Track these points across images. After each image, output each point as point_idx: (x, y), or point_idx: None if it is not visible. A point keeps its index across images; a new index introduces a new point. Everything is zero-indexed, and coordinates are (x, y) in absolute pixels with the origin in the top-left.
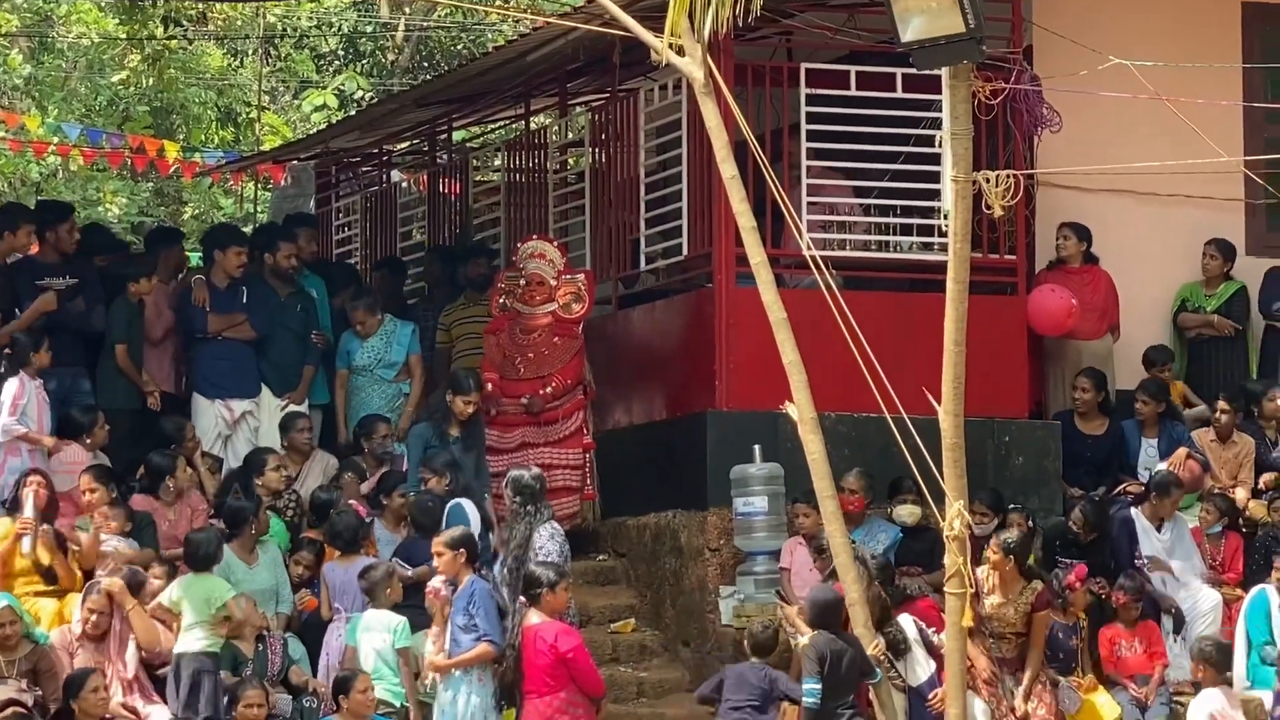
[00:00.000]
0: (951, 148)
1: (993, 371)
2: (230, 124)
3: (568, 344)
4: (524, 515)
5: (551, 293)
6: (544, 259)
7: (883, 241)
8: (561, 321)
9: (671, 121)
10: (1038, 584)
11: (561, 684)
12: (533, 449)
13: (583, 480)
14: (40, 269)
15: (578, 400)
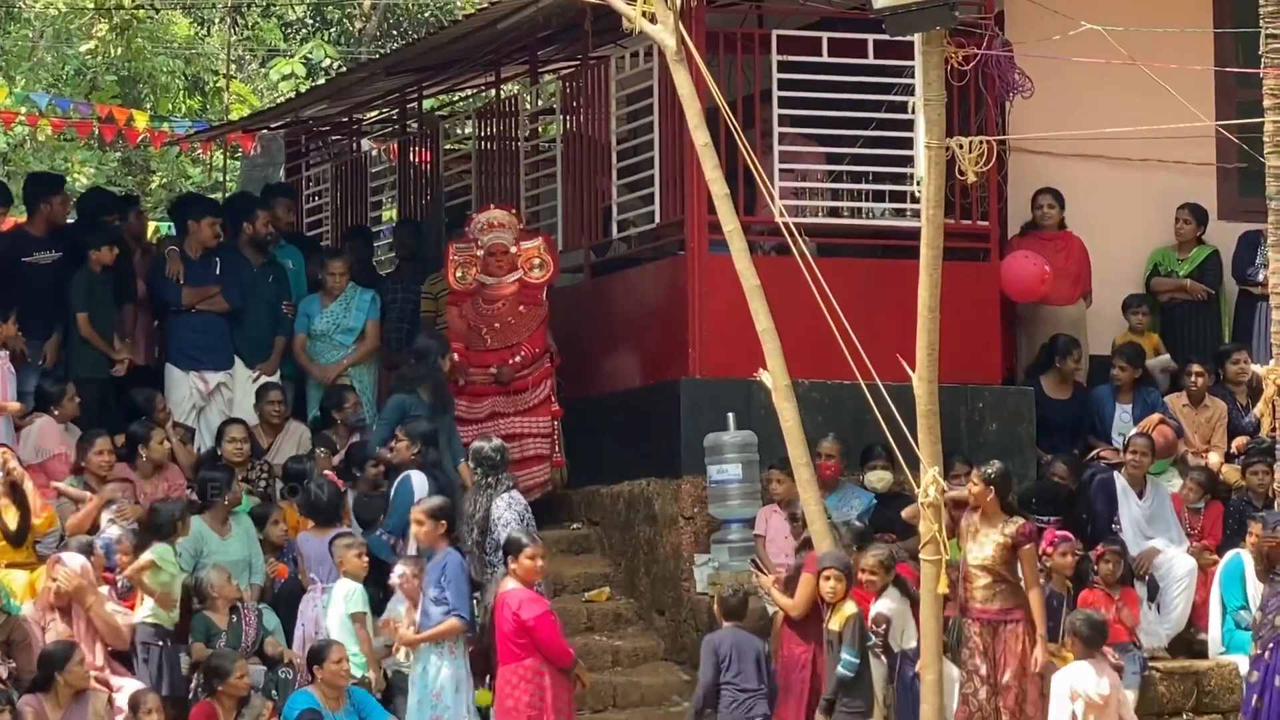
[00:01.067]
0: (924, 114)
1: (966, 338)
2: (198, 93)
3: (533, 312)
4: (485, 487)
5: (514, 261)
6: (502, 228)
7: (855, 208)
8: (527, 288)
9: (643, 89)
10: (1019, 519)
11: (526, 651)
12: (503, 418)
13: (552, 448)
14: (28, 243)
15: (545, 368)
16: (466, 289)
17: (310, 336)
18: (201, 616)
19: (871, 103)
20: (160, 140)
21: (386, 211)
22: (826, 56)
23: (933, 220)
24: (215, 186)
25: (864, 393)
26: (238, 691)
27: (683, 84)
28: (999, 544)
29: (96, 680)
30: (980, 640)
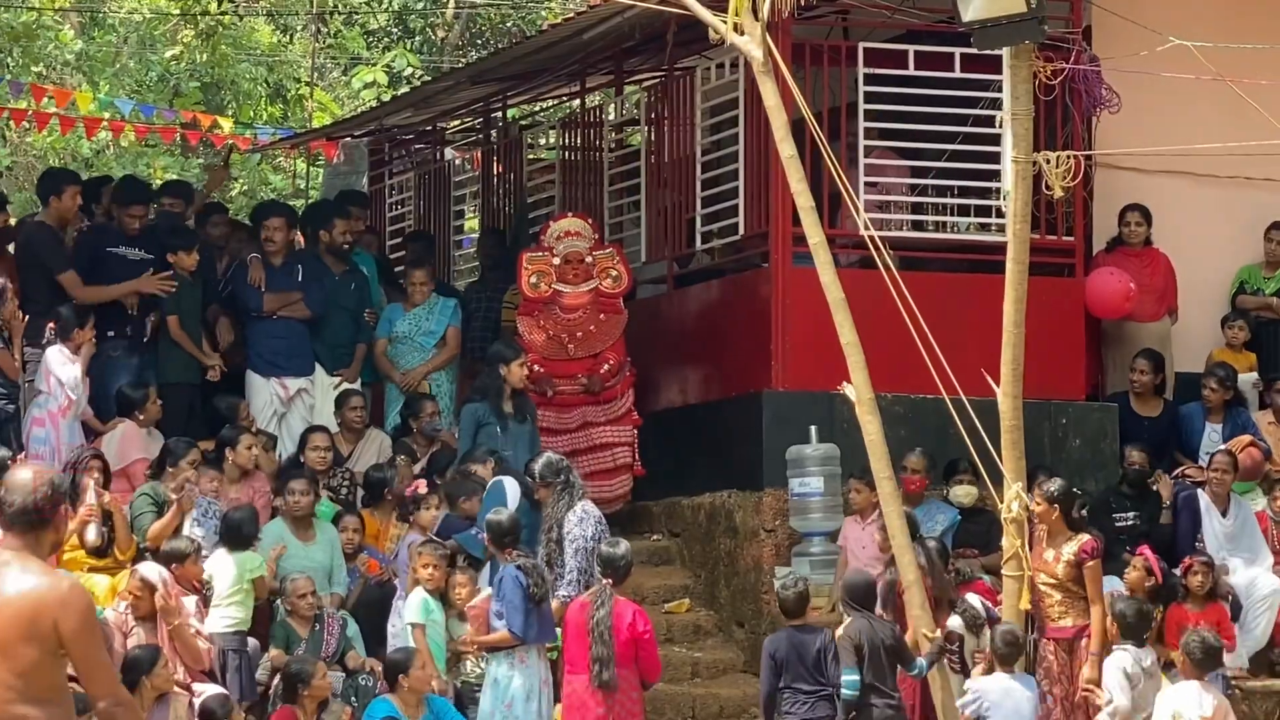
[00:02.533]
0: (1012, 128)
1: (1050, 353)
2: (280, 100)
3: (614, 320)
4: (561, 497)
5: (589, 270)
6: (578, 236)
7: (940, 222)
8: (603, 297)
9: (728, 100)
10: (1084, 535)
11: (626, 662)
12: (594, 428)
13: (633, 457)
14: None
15: (628, 377)
16: (540, 297)
17: (391, 340)
18: (282, 624)
19: (957, 116)
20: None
21: (469, 220)
22: (913, 69)
23: (1019, 235)
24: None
25: (947, 407)
26: (320, 695)
27: (769, 95)
28: (1065, 561)
29: (179, 685)
30: (1056, 661)
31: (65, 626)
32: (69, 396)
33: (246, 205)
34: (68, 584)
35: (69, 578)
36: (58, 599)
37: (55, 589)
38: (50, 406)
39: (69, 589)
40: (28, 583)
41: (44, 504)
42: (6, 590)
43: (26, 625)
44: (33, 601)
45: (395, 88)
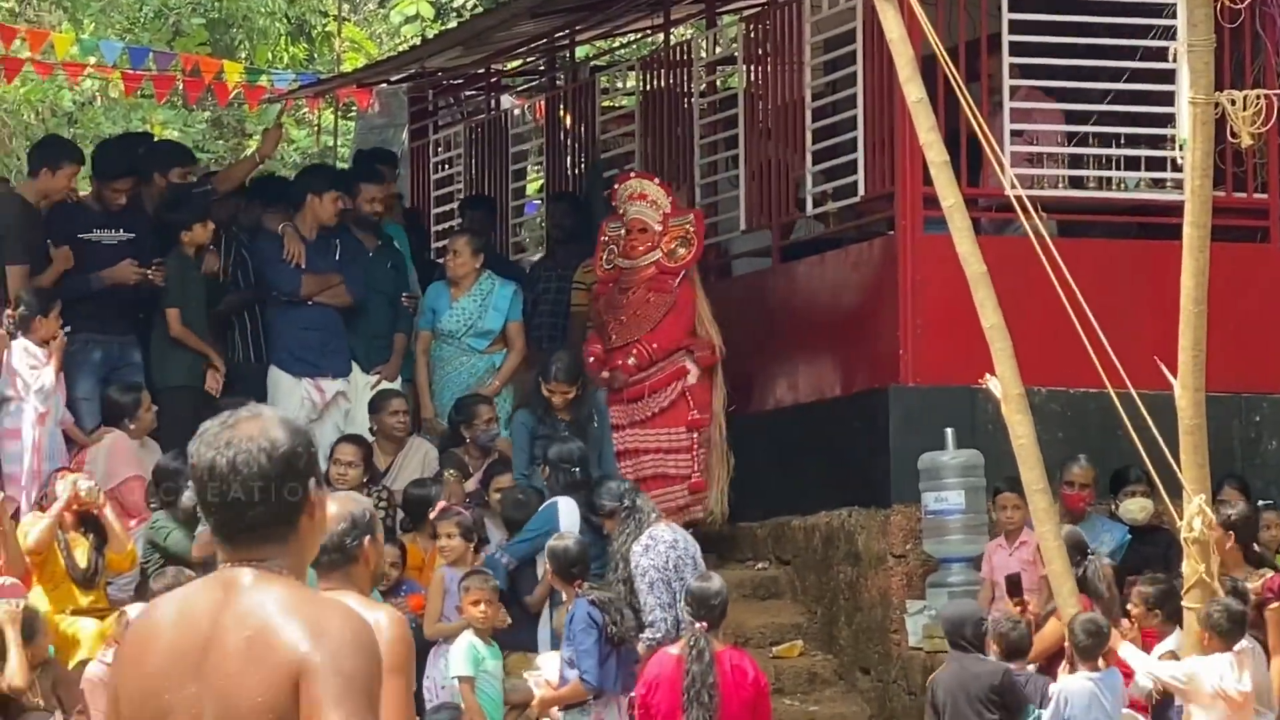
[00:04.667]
0: (1189, 63)
1: (1241, 337)
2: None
3: (660, 301)
4: (624, 526)
5: (656, 240)
6: (646, 200)
7: (1104, 179)
8: (663, 273)
9: (844, 34)
10: (1268, 571)
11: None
12: (621, 431)
13: (692, 466)
14: (85, 218)
15: (678, 368)
16: (610, 275)
17: (435, 335)
18: None
19: (1124, 50)
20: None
21: (531, 182)
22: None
23: (1198, 193)
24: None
25: (1114, 403)
26: None
27: (892, 27)
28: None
29: None
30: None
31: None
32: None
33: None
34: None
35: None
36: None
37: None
38: (23, 416)
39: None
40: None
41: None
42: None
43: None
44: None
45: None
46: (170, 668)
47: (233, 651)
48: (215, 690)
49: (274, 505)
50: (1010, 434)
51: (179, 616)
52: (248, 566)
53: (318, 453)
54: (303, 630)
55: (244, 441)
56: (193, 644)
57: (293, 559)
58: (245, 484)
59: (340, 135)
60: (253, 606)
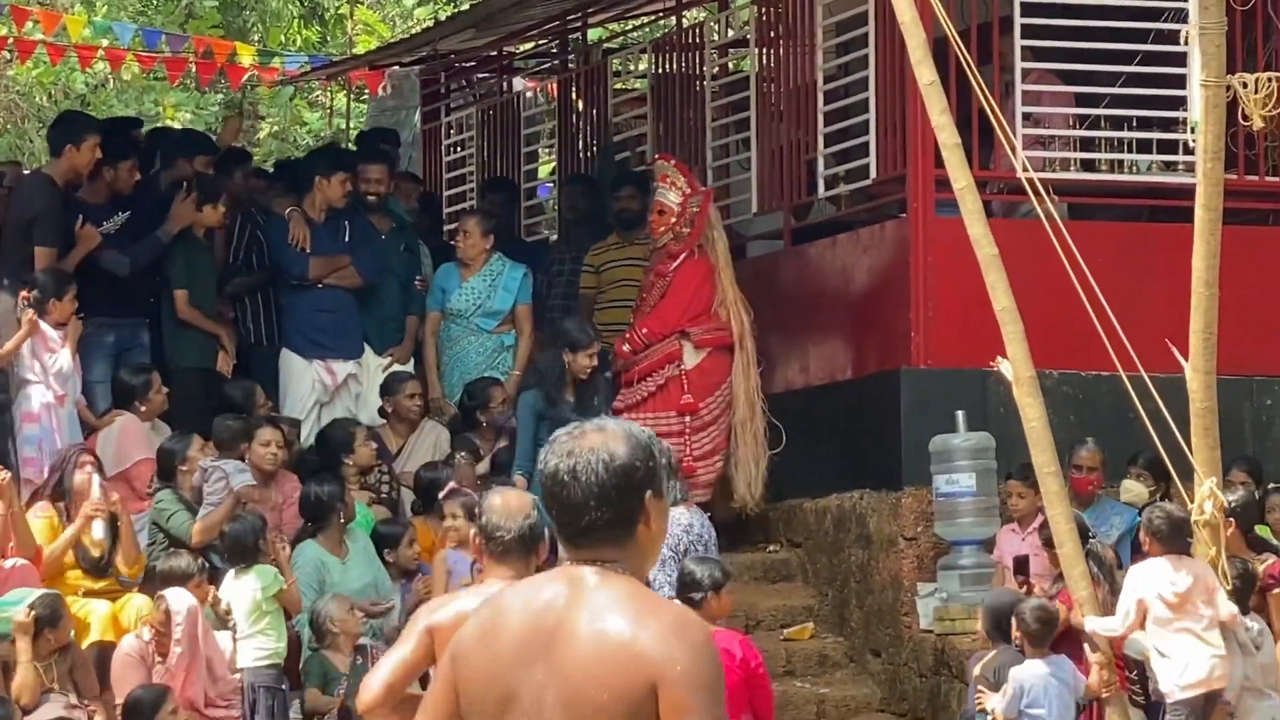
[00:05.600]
0: (1200, 45)
1: (1252, 319)
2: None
3: (660, 283)
4: None
5: (671, 223)
6: (667, 182)
7: (1115, 161)
8: (667, 255)
9: (856, 15)
10: (1270, 556)
11: (740, 707)
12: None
13: (684, 451)
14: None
15: (670, 351)
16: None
17: (444, 315)
18: (318, 658)
19: (1136, 32)
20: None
21: (544, 165)
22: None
23: (1210, 175)
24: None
25: (1125, 386)
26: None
27: (904, 9)
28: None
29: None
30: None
31: None
32: (58, 388)
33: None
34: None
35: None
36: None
37: None
38: (42, 398)
39: None
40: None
41: (530, 529)
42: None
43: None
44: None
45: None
46: (518, 653)
47: (582, 644)
48: (561, 678)
49: (609, 511)
50: (1021, 417)
51: (526, 605)
52: (590, 566)
53: (662, 465)
54: (657, 635)
55: (586, 452)
56: (540, 632)
57: (630, 563)
58: (583, 490)
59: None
60: (604, 604)
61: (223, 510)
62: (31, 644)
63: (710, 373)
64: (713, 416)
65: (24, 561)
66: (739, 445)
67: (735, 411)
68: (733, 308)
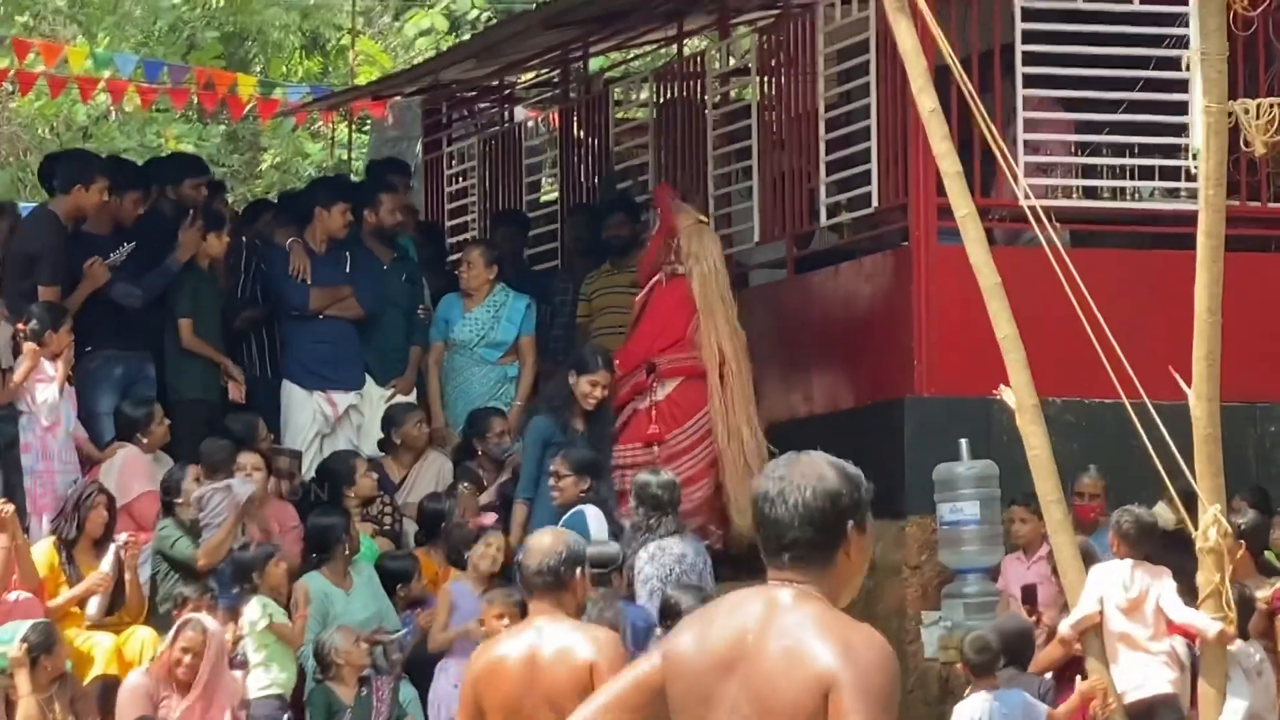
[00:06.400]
0: (1202, 72)
1: (1256, 346)
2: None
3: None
4: (643, 529)
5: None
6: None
7: (1118, 188)
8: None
9: (857, 44)
10: (1278, 580)
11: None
12: None
13: None
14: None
15: (635, 383)
16: None
17: (447, 346)
18: (322, 689)
19: (1137, 59)
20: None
21: (546, 193)
22: (1082, 2)
23: (1212, 202)
24: (339, 165)
25: (1128, 413)
26: None
27: (905, 38)
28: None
29: None
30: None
31: (602, 676)
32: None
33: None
34: (605, 636)
35: (606, 632)
36: (595, 650)
37: (594, 641)
38: (36, 428)
39: (606, 640)
40: (565, 639)
41: (561, 568)
42: (546, 650)
43: (569, 676)
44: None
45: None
46: (715, 664)
47: (770, 660)
48: (752, 691)
49: (811, 532)
50: (1025, 445)
51: (729, 618)
52: (788, 586)
53: (868, 502)
54: (834, 649)
55: (796, 475)
56: (736, 647)
57: (827, 586)
58: (789, 510)
59: (354, 148)
60: (791, 623)
61: (226, 526)
62: (30, 675)
63: (681, 402)
64: (685, 445)
65: (28, 595)
66: (724, 473)
67: (715, 440)
68: (710, 335)
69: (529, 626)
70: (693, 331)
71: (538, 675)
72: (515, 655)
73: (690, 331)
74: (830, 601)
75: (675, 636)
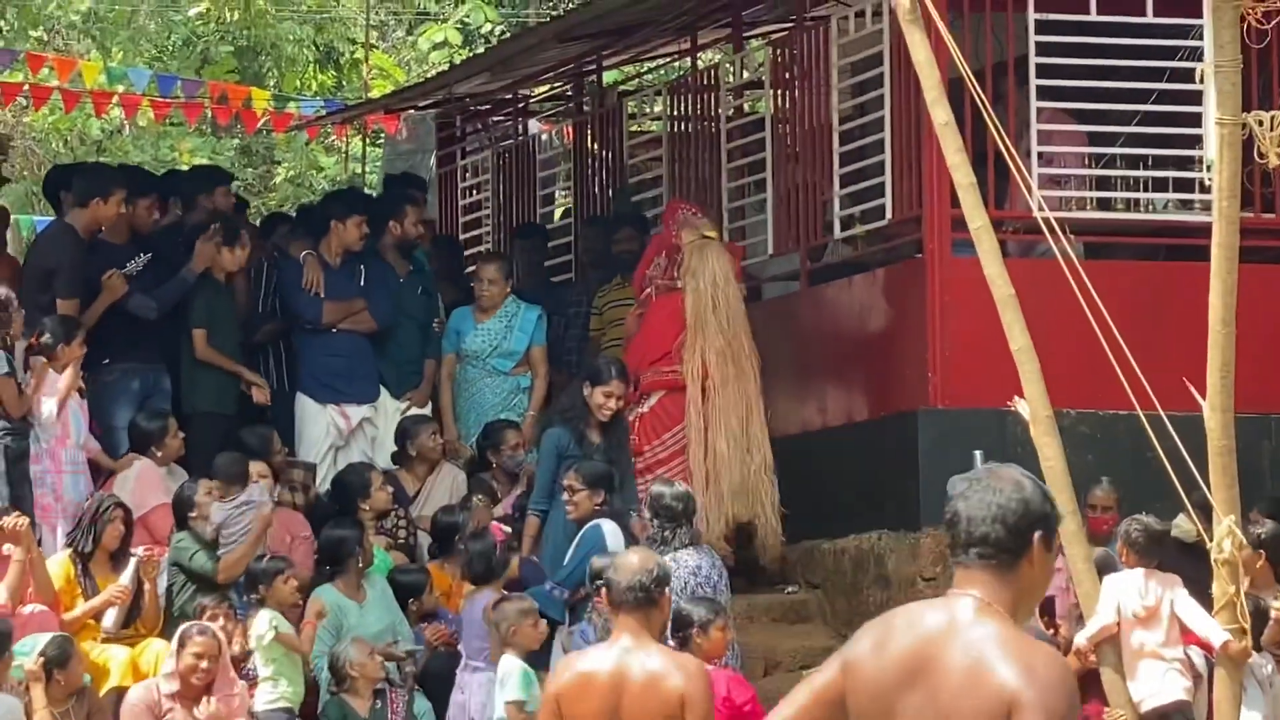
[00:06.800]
0: (1215, 84)
1: (1270, 357)
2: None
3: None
4: (659, 542)
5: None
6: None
7: (1131, 200)
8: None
9: (871, 57)
10: None
11: None
12: None
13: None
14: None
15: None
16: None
17: (460, 358)
18: (337, 702)
19: (1150, 71)
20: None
21: (560, 207)
22: (1095, 14)
23: (1226, 214)
24: (353, 179)
25: (1143, 425)
26: None
27: (919, 49)
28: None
29: None
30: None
31: (694, 708)
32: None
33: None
34: (694, 665)
35: (693, 660)
36: (685, 680)
37: (684, 670)
38: (46, 440)
39: (695, 670)
40: (655, 664)
41: (652, 585)
42: (635, 672)
43: (659, 706)
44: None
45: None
46: (898, 673)
47: (954, 674)
48: (935, 704)
49: (1000, 532)
50: (1039, 456)
51: (910, 630)
52: (969, 599)
53: (1056, 517)
54: (1017, 669)
55: (995, 480)
56: (919, 657)
57: (1008, 595)
58: (984, 507)
59: (368, 162)
60: (975, 639)
61: (249, 541)
62: (45, 689)
63: (663, 415)
64: (663, 457)
65: (43, 607)
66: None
67: (688, 454)
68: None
69: (615, 644)
70: (679, 346)
71: (624, 697)
72: (603, 672)
73: (677, 346)
74: (1009, 614)
75: (854, 646)
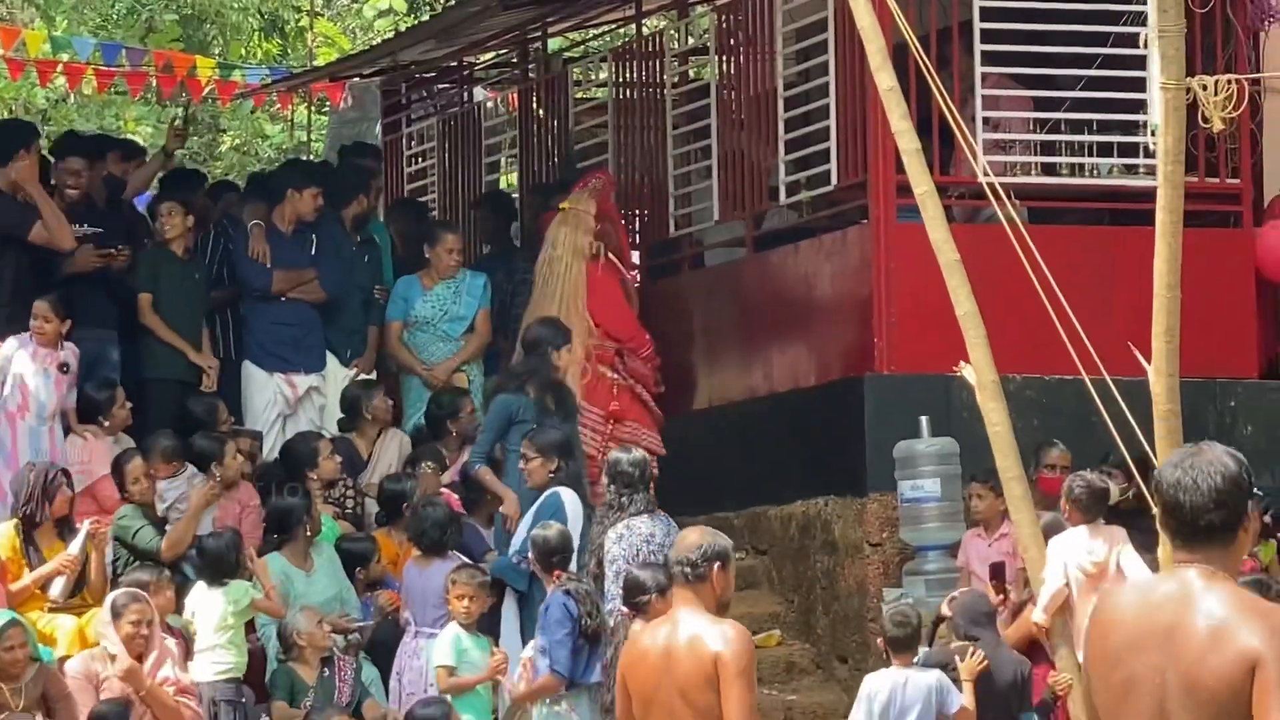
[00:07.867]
0: (1159, 48)
1: (1214, 322)
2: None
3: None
4: (615, 509)
5: None
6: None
7: (1076, 165)
8: None
9: (816, 22)
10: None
11: None
12: None
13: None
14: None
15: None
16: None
17: (407, 325)
18: (285, 670)
19: (1095, 36)
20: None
21: (505, 175)
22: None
23: (1170, 178)
24: (299, 148)
25: (1088, 390)
26: None
27: (863, 15)
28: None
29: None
30: None
31: (726, 668)
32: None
33: (241, 162)
34: (734, 631)
35: (736, 626)
36: (722, 643)
37: (722, 634)
38: (8, 406)
39: (734, 634)
40: (697, 630)
41: (700, 561)
42: (681, 640)
43: (698, 667)
44: (700, 646)
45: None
46: (1134, 642)
47: (1196, 637)
48: (1178, 666)
49: (1223, 515)
50: (985, 421)
51: (1141, 602)
52: (1194, 568)
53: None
54: (1259, 628)
55: (1203, 465)
56: (1157, 625)
57: (1230, 562)
58: (1204, 495)
59: (314, 130)
60: (1213, 604)
61: (186, 517)
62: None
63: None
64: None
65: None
66: None
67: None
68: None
69: (669, 619)
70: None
71: (672, 665)
72: (655, 646)
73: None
74: (1231, 574)
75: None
